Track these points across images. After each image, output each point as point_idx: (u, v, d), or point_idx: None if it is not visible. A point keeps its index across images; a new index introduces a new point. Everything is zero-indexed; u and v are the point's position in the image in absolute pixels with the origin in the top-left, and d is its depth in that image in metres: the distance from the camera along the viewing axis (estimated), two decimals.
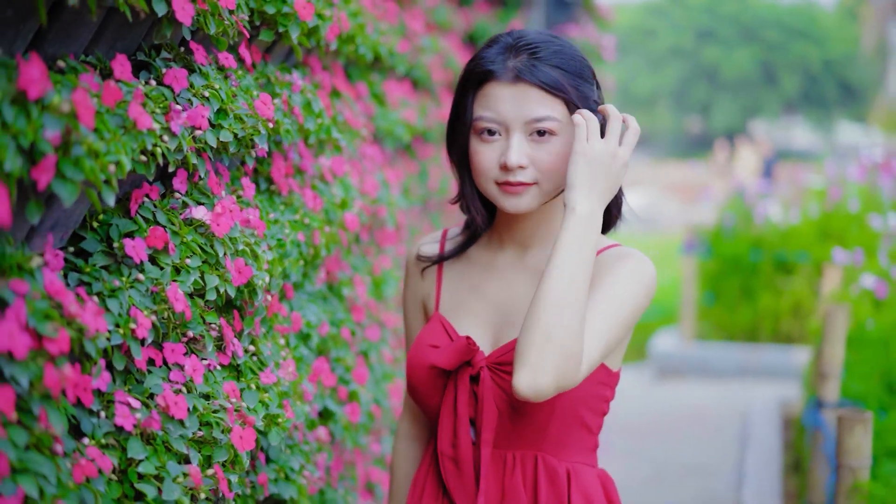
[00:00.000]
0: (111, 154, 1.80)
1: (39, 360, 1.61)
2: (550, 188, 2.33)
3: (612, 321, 2.23)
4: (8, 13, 1.71)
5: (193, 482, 2.03)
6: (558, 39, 2.38)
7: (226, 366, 2.39)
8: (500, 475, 2.39)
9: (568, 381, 2.15)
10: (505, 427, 2.37)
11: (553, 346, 2.14)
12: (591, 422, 2.40)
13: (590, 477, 2.41)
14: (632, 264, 2.31)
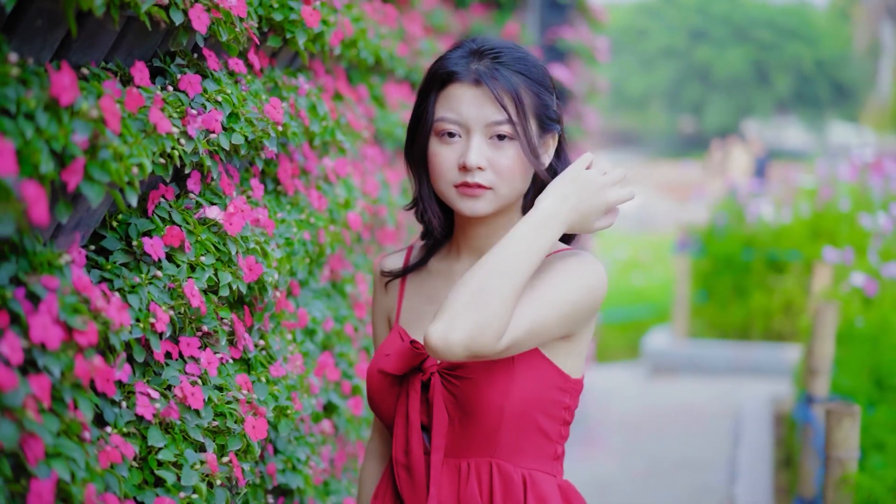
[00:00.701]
0: (134, 157, 1.90)
1: (70, 351, 1.71)
2: (507, 193, 2.34)
3: (545, 309, 2.23)
4: (38, 23, 1.80)
5: (210, 469, 2.13)
6: (521, 48, 2.40)
7: (237, 360, 2.49)
8: (455, 484, 2.37)
9: (481, 347, 2.13)
10: (457, 434, 2.35)
11: (476, 306, 2.13)
12: (548, 428, 2.37)
13: (549, 485, 2.38)
14: (577, 263, 2.31)
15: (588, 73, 8.72)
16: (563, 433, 2.42)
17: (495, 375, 2.31)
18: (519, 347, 2.21)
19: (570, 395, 2.39)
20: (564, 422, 2.40)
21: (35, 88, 1.65)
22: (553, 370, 2.34)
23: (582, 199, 2.24)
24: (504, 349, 2.17)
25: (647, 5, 44.94)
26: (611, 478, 7.25)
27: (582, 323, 2.33)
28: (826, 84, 42.97)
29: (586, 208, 2.25)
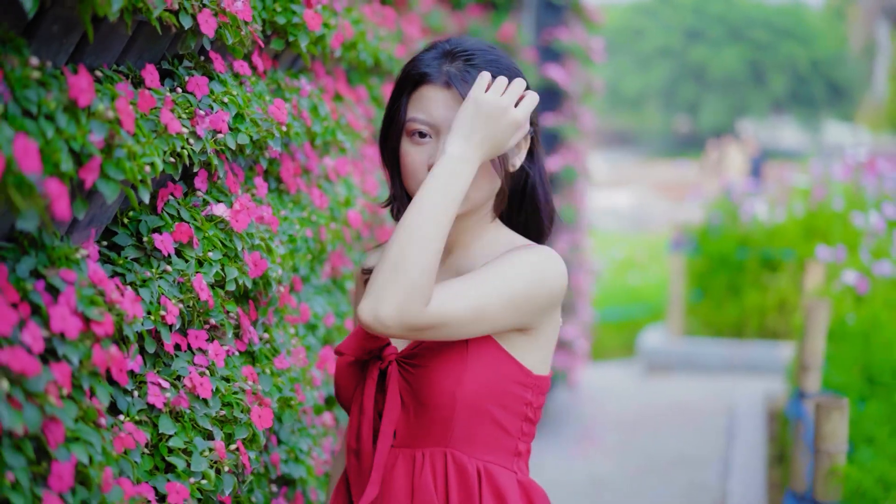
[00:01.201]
0: (146, 156, 1.99)
1: (87, 341, 1.80)
2: (476, 195, 2.35)
3: (490, 293, 2.24)
4: (54, 29, 1.88)
5: (218, 456, 2.21)
6: (495, 50, 2.41)
7: (243, 352, 2.58)
8: (409, 474, 2.38)
9: (411, 316, 2.14)
10: (412, 423, 2.36)
11: (398, 276, 2.15)
12: (506, 422, 2.37)
13: (507, 479, 2.38)
14: (533, 255, 2.33)
15: (583, 74, 8.80)
16: (526, 430, 2.42)
17: (448, 363, 2.32)
18: (461, 326, 2.23)
19: (531, 392, 2.39)
20: (526, 418, 2.40)
21: (55, 91, 1.74)
22: (511, 363, 2.35)
23: (489, 127, 2.24)
24: (437, 317, 2.18)
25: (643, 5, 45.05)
26: (607, 475, 7.33)
27: (538, 316, 2.34)
28: (821, 84, 43.09)
29: (497, 134, 2.25)
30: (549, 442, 8.07)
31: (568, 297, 8.51)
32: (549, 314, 2.37)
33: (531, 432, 2.44)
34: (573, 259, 8.75)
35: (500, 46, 7.19)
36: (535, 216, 2.50)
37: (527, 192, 2.47)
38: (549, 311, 2.37)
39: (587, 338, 9.61)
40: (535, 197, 2.48)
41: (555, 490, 6.83)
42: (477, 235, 2.45)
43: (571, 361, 8.56)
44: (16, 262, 1.79)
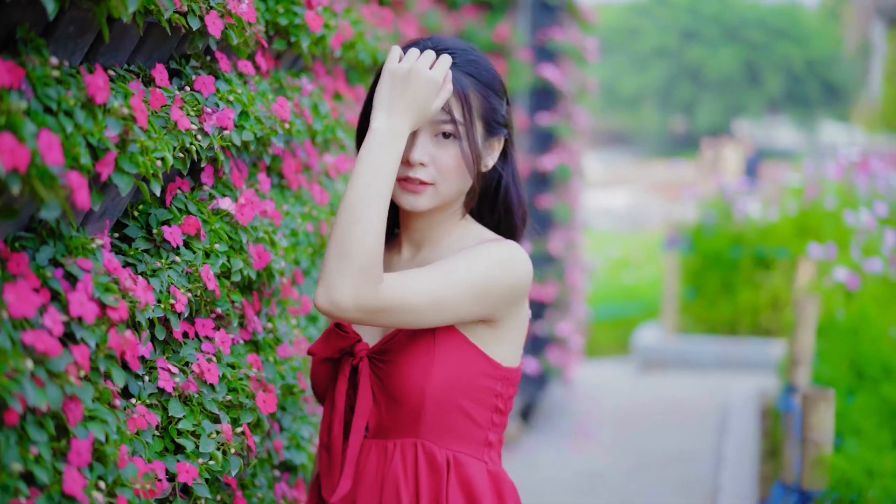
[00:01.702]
0: (157, 151, 2.09)
1: (103, 325, 1.90)
2: (447, 191, 2.40)
3: (448, 279, 2.29)
4: (70, 29, 1.98)
5: (225, 438, 2.31)
6: (475, 51, 2.46)
7: (247, 341, 2.68)
8: (380, 464, 2.43)
9: (365, 298, 2.18)
10: (384, 416, 2.41)
11: (346, 260, 2.18)
12: (475, 413, 2.42)
13: (476, 469, 2.43)
14: (497, 248, 2.38)
15: (578, 73, 8.90)
16: (496, 420, 2.47)
17: (417, 358, 2.36)
18: (418, 312, 2.27)
19: (501, 383, 2.44)
20: (496, 409, 2.45)
21: (73, 89, 1.84)
22: (479, 356, 2.40)
23: (410, 93, 2.28)
24: (392, 299, 2.22)
25: (639, 5, 45.12)
26: (601, 470, 7.43)
27: (502, 308, 2.38)
28: (817, 84, 43.17)
29: (419, 98, 2.29)
30: (545, 437, 8.17)
31: (563, 294, 8.62)
32: (513, 307, 2.41)
33: (502, 423, 2.49)
34: (567, 257, 8.86)
35: (495, 46, 7.32)
36: (508, 216, 2.55)
37: (500, 192, 2.53)
38: (514, 304, 2.41)
39: (582, 335, 9.72)
40: (509, 197, 2.53)
41: (550, 485, 6.98)
42: (446, 231, 2.49)
43: (566, 358, 8.65)
44: (36, 250, 1.89)
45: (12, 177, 1.56)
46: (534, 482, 7.10)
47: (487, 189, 2.52)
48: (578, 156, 9.16)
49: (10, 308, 1.62)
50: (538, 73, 7.98)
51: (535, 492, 6.91)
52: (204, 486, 2.22)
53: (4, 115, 1.57)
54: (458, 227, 2.50)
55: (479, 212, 2.56)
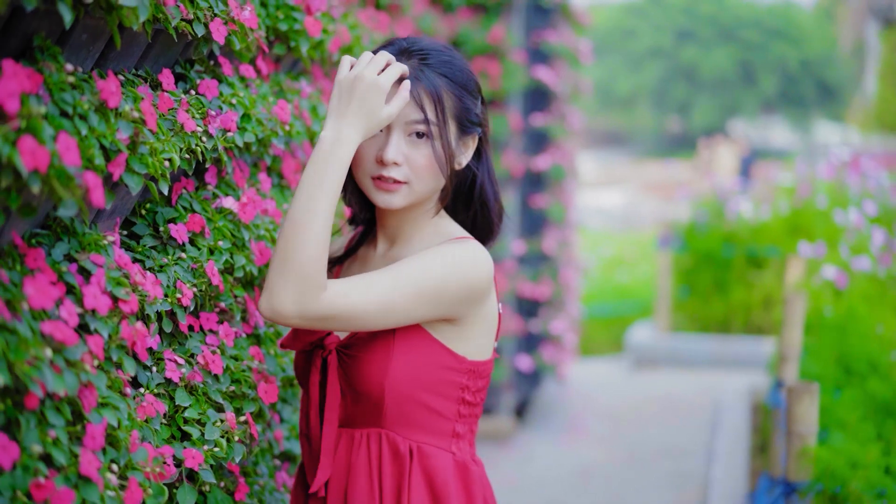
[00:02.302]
0: (165, 152, 2.20)
1: (115, 317, 2.01)
2: (420, 189, 2.45)
3: (397, 283, 2.33)
4: (83, 37, 2.09)
5: (229, 427, 2.42)
6: (450, 51, 2.51)
7: (249, 335, 2.79)
8: (348, 452, 2.50)
9: (306, 306, 2.24)
10: (350, 407, 2.49)
11: (288, 268, 2.23)
12: (440, 406, 2.47)
13: (441, 459, 2.48)
14: (453, 248, 2.42)
15: (572, 75, 9.01)
16: (464, 412, 2.52)
17: (376, 354, 2.43)
18: (368, 317, 2.31)
19: (467, 376, 2.49)
20: (463, 401, 2.50)
21: (87, 94, 1.95)
22: (442, 351, 2.45)
23: (356, 101, 2.31)
24: (336, 307, 2.27)
25: (634, 6, 45.23)
26: (593, 464, 7.54)
27: (460, 307, 2.42)
28: (811, 84, 43.29)
29: (364, 105, 2.32)
30: (538, 434, 8.28)
31: (556, 292, 8.73)
32: (474, 306, 2.45)
33: (471, 413, 2.54)
34: (561, 256, 8.97)
35: (490, 48, 7.42)
36: (484, 213, 2.60)
37: (474, 189, 2.58)
38: (475, 303, 2.45)
39: (575, 332, 9.82)
40: (484, 194, 2.59)
41: (543, 480, 7.09)
42: (418, 228, 2.54)
43: (560, 355, 8.76)
44: (51, 247, 2.00)
45: (33, 177, 1.67)
46: (527, 477, 7.22)
47: (462, 187, 2.58)
48: (572, 156, 9.28)
49: (30, 300, 1.73)
50: (532, 75, 8.09)
51: (528, 487, 7.02)
52: (209, 472, 2.33)
53: (25, 119, 1.67)
54: (430, 224, 2.55)
55: (453, 209, 2.61)
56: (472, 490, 2.51)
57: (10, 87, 1.63)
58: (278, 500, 2.93)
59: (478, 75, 7.32)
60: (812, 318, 6.40)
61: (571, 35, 8.90)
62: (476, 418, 2.57)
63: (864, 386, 5.27)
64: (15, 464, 1.71)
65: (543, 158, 8.25)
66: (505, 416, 8.07)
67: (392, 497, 2.47)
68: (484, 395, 2.56)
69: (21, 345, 1.67)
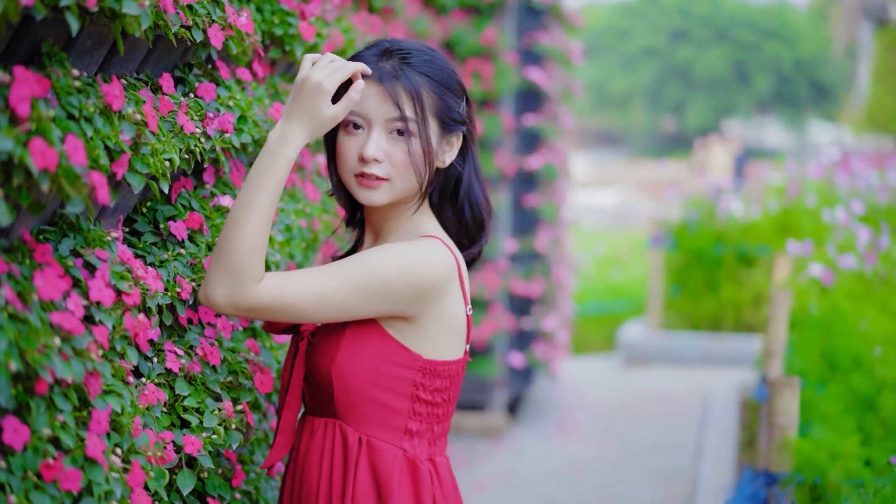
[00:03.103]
0: (166, 153, 2.31)
1: (119, 309, 2.12)
2: (402, 186, 2.50)
3: (336, 279, 2.38)
4: (87, 44, 2.20)
5: (227, 415, 2.53)
6: (432, 51, 2.56)
7: (246, 328, 2.90)
8: (307, 439, 2.59)
9: (240, 298, 2.32)
10: (312, 395, 2.58)
11: (223, 261, 2.31)
12: (390, 402, 2.51)
13: (388, 454, 2.51)
14: (406, 245, 2.47)
15: (563, 75, 9.12)
16: (419, 410, 2.54)
17: (327, 344, 2.50)
18: (302, 309, 2.37)
19: (421, 374, 2.51)
20: (416, 399, 2.52)
21: (92, 97, 2.06)
22: (394, 346, 2.48)
23: (300, 101, 2.38)
24: (269, 299, 2.33)
25: (629, 6, 45.35)
26: (585, 460, 7.66)
27: (410, 305, 2.45)
28: (805, 84, 43.42)
29: (307, 105, 2.38)
30: (530, 430, 8.40)
31: (549, 290, 8.84)
32: (427, 304, 2.48)
33: (430, 413, 2.56)
34: (554, 254, 9.08)
35: (483, 50, 7.53)
36: (474, 213, 2.65)
37: (460, 188, 2.62)
38: (428, 302, 2.48)
39: (567, 330, 9.93)
40: (472, 193, 2.63)
41: (535, 475, 7.21)
42: (398, 225, 2.60)
43: (552, 352, 8.87)
44: (58, 242, 2.11)
45: (43, 176, 1.78)
46: (519, 473, 7.33)
47: (447, 185, 2.62)
48: (564, 156, 9.39)
49: (39, 292, 1.84)
50: (524, 76, 8.20)
51: (520, 482, 7.13)
52: (208, 458, 2.44)
53: (35, 122, 1.78)
54: (409, 221, 2.59)
55: (440, 208, 2.64)
56: (420, 488, 2.53)
57: (21, 91, 1.74)
58: (273, 488, 3.03)
59: (470, 76, 7.50)
60: (798, 315, 6.51)
61: (563, 36, 9.01)
62: (439, 419, 2.59)
63: (846, 381, 5.37)
64: (26, 445, 1.82)
65: (535, 158, 8.36)
66: (497, 412, 8.19)
67: (339, 486, 2.52)
68: (450, 396, 2.58)
69: (32, 334, 1.77)
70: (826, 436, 4.41)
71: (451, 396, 2.60)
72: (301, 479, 2.60)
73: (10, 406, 1.79)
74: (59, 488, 1.84)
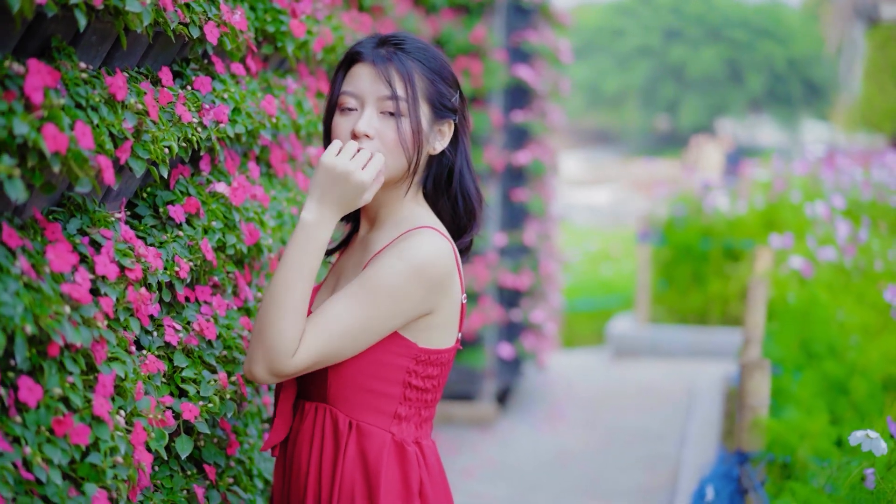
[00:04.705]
0: (165, 140, 2.49)
1: (122, 283, 2.31)
2: (391, 166, 2.59)
3: (347, 322, 2.49)
4: (93, 39, 2.38)
5: (222, 386, 2.71)
6: (428, 45, 2.66)
7: (240, 308, 3.08)
8: (299, 422, 2.69)
9: (279, 370, 2.46)
10: (306, 379, 2.66)
11: (262, 340, 2.46)
12: (382, 387, 2.59)
13: (377, 438, 2.60)
14: (401, 249, 2.54)
15: (552, 73, 9.30)
16: (410, 396, 2.63)
17: None
18: (336, 355, 2.51)
19: (414, 361, 2.60)
20: (408, 385, 2.61)
21: (98, 88, 2.24)
22: (391, 336, 2.57)
23: (338, 191, 2.49)
24: (305, 362, 2.47)
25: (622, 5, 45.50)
26: (572, 448, 7.85)
27: (428, 300, 2.55)
28: (798, 83, 43.59)
29: (346, 197, 2.50)
30: (519, 419, 8.59)
31: (537, 283, 9.03)
32: (442, 294, 2.58)
33: (420, 399, 2.65)
34: (542, 248, 9.26)
35: (472, 48, 7.72)
36: (466, 202, 2.73)
37: (452, 177, 2.72)
38: (442, 291, 2.58)
39: (556, 322, 10.12)
40: (464, 182, 2.72)
41: (523, 462, 7.41)
42: (393, 212, 2.69)
43: (540, 343, 9.05)
44: (66, 222, 2.30)
45: (54, 158, 1.96)
46: (508, 460, 7.51)
47: (440, 175, 2.71)
48: (553, 152, 9.56)
49: (51, 264, 2.02)
50: (513, 73, 8.37)
51: (508, 469, 7.32)
52: (204, 425, 2.62)
53: (47, 109, 1.96)
54: (404, 208, 2.68)
55: (434, 197, 2.73)
56: (408, 470, 2.62)
57: (34, 82, 1.92)
58: (266, 460, 3.22)
59: (460, 74, 7.68)
60: (778, 306, 6.70)
61: (551, 35, 9.18)
62: (427, 404, 2.67)
63: (821, 367, 5.56)
64: (39, 403, 2.00)
65: (524, 154, 8.54)
66: (487, 402, 8.37)
67: (328, 468, 2.63)
68: (439, 382, 2.67)
69: (45, 301, 1.96)
70: (797, 417, 4.60)
71: (440, 383, 2.68)
72: (291, 461, 2.73)
73: (25, 367, 1.97)
74: (69, 442, 2.02)
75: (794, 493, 3.65)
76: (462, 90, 2.74)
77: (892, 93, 25.94)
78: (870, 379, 5.23)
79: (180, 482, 2.67)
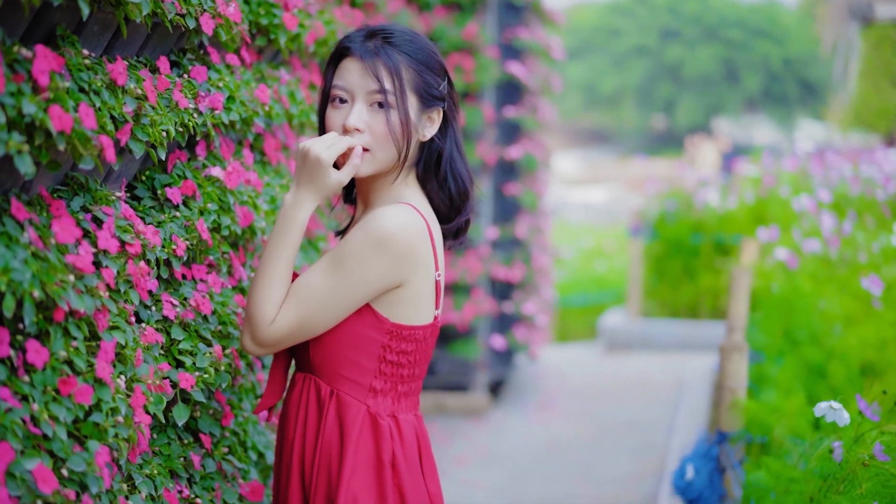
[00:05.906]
0: (163, 124, 2.64)
1: (123, 257, 2.46)
2: (382, 157, 2.70)
3: (320, 282, 2.64)
4: (95, 28, 2.53)
5: (217, 357, 2.86)
6: (416, 35, 2.74)
7: (234, 287, 3.23)
8: (290, 392, 2.86)
9: (260, 338, 2.66)
10: (298, 351, 2.82)
11: (247, 310, 2.68)
12: (359, 360, 2.72)
13: (353, 408, 2.74)
14: (365, 228, 2.65)
15: (543, 70, 9.44)
16: (385, 370, 2.75)
17: None
18: (312, 325, 2.67)
19: (388, 336, 2.72)
20: (383, 359, 2.74)
21: (100, 74, 2.40)
22: (366, 310, 2.70)
23: (305, 172, 2.66)
24: (282, 331, 2.66)
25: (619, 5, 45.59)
26: (563, 438, 7.99)
27: (396, 270, 2.66)
28: (794, 82, 43.69)
29: (312, 176, 2.66)
30: (512, 410, 8.73)
31: (529, 275, 9.17)
32: (409, 265, 2.68)
33: (392, 373, 2.77)
34: (534, 241, 9.41)
35: (464, 45, 7.86)
36: (457, 183, 2.82)
37: (442, 162, 2.80)
38: (409, 261, 2.67)
39: (548, 314, 10.26)
40: (454, 165, 2.81)
41: (515, 451, 7.56)
42: (383, 194, 2.79)
43: (532, 335, 9.20)
44: (70, 200, 2.45)
45: (60, 137, 2.11)
46: (499, 449, 7.66)
47: (430, 159, 2.80)
48: (546, 148, 9.71)
49: (56, 236, 2.17)
50: (505, 69, 8.52)
51: (500, 457, 7.47)
52: (200, 394, 2.77)
53: (53, 91, 2.11)
54: (392, 191, 2.78)
55: (424, 179, 2.81)
56: (380, 442, 2.74)
57: (41, 65, 2.07)
58: (259, 433, 3.37)
59: (453, 70, 7.83)
60: (763, 296, 6.86)
61: (543, 32, 9.33)
62: (403, 379, 2.79)
63: (801, 353, 5.71)
64: (45, 365, 2.15)
65: (516, 148, 8.69)
66: (479, 392, 8.52)
67: (312, 434, 2.78)
68: (415, 358, 2.79)
69: (51, 269, 2.11)
70: (775, 398, 4.75)
71: (417, 359, 2.79)
72: (283, 428, 2.90)
73: (33, 331, 2.12)
74: (73, 402, 2.17)
75: (767, 467, 3.79)
76: (450, 77, 2.82)
77: (887, 92, 26.05)
78: (848, 364, 5.38)
79: (177, 450, 2.83)
